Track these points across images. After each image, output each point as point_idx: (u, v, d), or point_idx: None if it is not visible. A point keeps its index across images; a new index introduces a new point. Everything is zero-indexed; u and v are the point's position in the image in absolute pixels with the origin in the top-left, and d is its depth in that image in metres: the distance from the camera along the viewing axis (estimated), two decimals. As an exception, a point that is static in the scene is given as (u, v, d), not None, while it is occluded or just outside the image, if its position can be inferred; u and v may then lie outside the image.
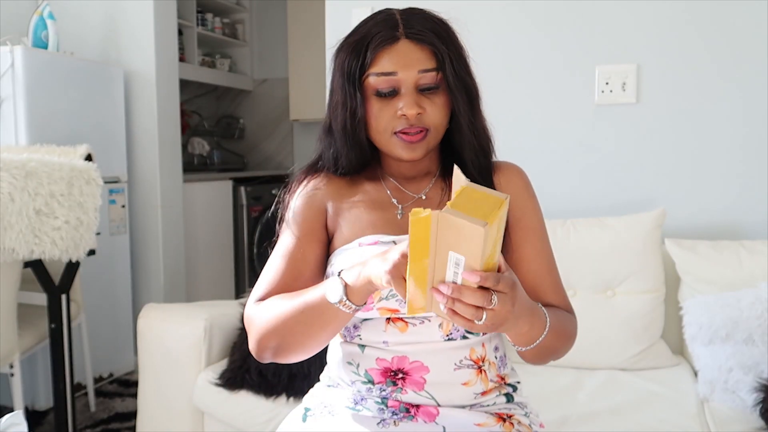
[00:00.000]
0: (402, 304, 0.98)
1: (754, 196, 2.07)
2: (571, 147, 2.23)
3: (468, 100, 1.03)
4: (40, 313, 2.24)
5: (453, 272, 0.78)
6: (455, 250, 0.76)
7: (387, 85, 1.00)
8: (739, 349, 1.63)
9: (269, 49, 4.78)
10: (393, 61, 0.99)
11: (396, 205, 1.09)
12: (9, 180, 1.76)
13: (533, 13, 2.23)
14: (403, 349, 1.02)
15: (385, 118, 1.01)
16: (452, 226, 0.74)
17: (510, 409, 1.06)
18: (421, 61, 0.99)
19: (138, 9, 3.07)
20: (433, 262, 0.77)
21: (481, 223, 0.73)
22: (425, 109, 1.00)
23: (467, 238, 0.74)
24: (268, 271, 1.07)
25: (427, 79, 0.99)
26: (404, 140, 1.01)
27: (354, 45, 1.01)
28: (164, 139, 3.17)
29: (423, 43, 0.99)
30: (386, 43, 0.99)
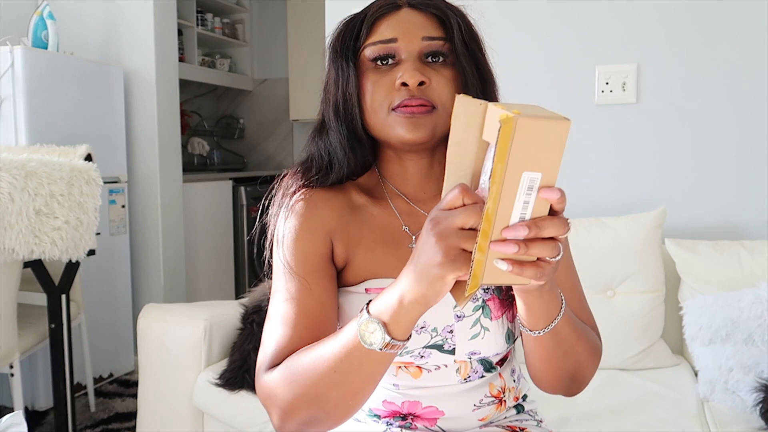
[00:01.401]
0: (418, 358, 0.88)
1: (754, 196, 2.07)
2: (571, 147, 2.23)
3: (480, 79, 0.88)
4: (40, 313, 2.25)
5: (522, 204, 0.65)
6: (531, 168, 0.64)
7: (384, 52, 0.86)
8: (739, 349, 1.63)
9: (269, 49, 4.78)
10: (392, 27, 0.86)
11: (408, 235, 0.91)
12: (9, 180, 1.76)
13: (533, 12, 2.23)
14: (415, 393, 0.91)
15: (381, 91, 0.85)
16: (532, 131, 0.62)
17: (521, 420, 1.01)
18: (425, 27, 0.86)
19: (138, 9, 3.07)
20: (498, 204, 0.63)
21: (565, 118, 0.62)
22: (430, 80, 0.84)
23: (547, 144, 0.63)
24: (274, 326, 0.85)
25: (434, 46, 0.86)
26: (404, 112, 0.84)
27: (350, 20, 0.90)
28: (164, 139, 3.17)
29: (428, 11, 0.87)
30: (385, 11, 0.87)
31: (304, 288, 0.86)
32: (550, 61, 2.23)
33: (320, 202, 0.90)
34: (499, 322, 0.90)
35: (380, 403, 0.94)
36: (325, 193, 0.91)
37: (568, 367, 0.89)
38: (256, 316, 1.83)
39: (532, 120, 0.61)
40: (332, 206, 0.91)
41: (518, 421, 1.01)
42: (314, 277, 0.87)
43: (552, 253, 0.67)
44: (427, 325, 0.88)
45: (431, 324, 0.88)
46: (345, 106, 0.88)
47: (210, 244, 3.78)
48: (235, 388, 1.74)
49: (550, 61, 2.23)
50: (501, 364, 0.97)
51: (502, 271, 0.66)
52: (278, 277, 0.89)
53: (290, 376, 0.78)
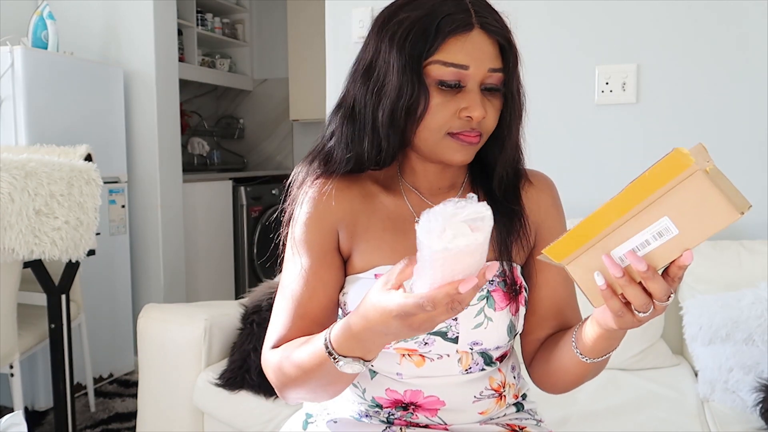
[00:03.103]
0: (422, 345, 0.91)
1: (754, 196, 2.07)
2: (571, 147, 2.23)
3: (518, 107, 0.93)
4: (40, 313, 2.24)
5: (644, 240, 0.64)
6: (674, 220, 0.63)
7: (454, 78, 0.85)
8: (739, 349, 1.63)
9: (269, 49, 4.78)
10: (466, 52, 0.84)
11: None
12: (9, 180, 1.75)
13: (533, 13, 2.23)
14: (418, 382, 0.93)
15: (444, 115, 0.86)
16: (704, 192, 0.60)
17: (521, 419, 1.02)
18: (492, 57, 0.86)
19: (138, 9, 3.07)
20: (632, 214, 0.64)
21: (739, 208, 0.60)
22: (487, 113, 0.87)
23: (706, 216, 0.61)
24: (280, 308, 0.93)
25: (494, 79, 0.87)
26: (462, 140, 0.87)
27: (418, 21, 0.85)
28: (164, 139, 3.17)
29: (496, 36, 0.87)
30: (461, 29, 0.84)
31: (309, 276, 0.91)
32: (550, 61, 2.23)
33: (330, 191, 0.93)
34: (503, 314, 0.92)
35: (383, 391, 0.95)
36: (340, 183, 0.93)
37: (587, 380, 0.93)
38: (256, 316, 1.83)
39: (709, 183, 0.60)
40: (344, 197, 0.93)
41: (518, 419, 1.01)
42: (319, 264, 0.92)
43: (640, 305, 0.69)
44: None
45: None
46: (405, 119, 0.87)
47: (210, 244, 3.78)
48: (235, 388, 1.74)
49: (550, 61, 2.23)
50: (500, 360, 0.98)
51: (591, 279, 0.68)
52: (287, 260, 0.95)
53: (280, 367, 0.87)
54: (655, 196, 0.62)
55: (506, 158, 0.94)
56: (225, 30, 4.55)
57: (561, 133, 2.23)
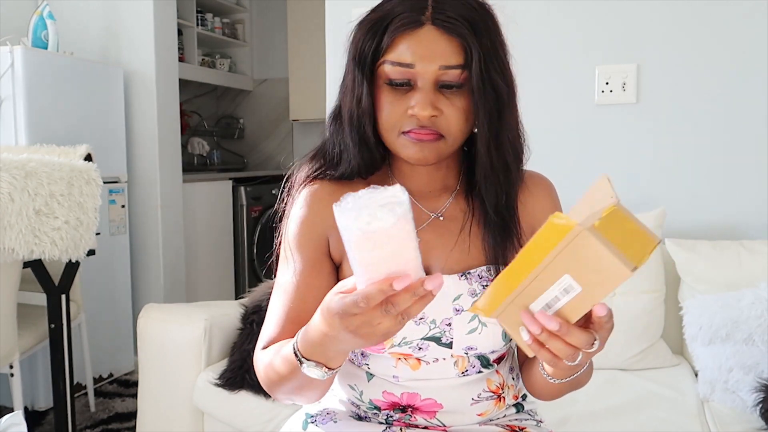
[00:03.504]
0: (416, 350, 0.90)
1: (754, 196, 2.07)
2: (571, 147, 2.23)
3: (496, 107, 0.87)
4: (40, 313, 2.24)
5: (554, 296, 0.65)
6: (575, 278, 0.63)
7: (401, 77, 0.85)
8: (739, 349, 1.63)
9: (269, 49, 4.78)
10: (412, 50, 0.83)
11: None
12: (9, 180, 1.75)
13: (533, 12, 2.23)
14: (414, 384, 0.93)
15: (394, 114, 0.86)
16: (591, 251, 0.60)
17: (521, 420, 1.01)
18: (445, 54, 0.83)
19: (138, 9, 3.07)
20: (534, 276, 0.65)
21: (629, 265, 0.60)
22: (442, 111, 0.85)
23: (602, 274, 0.61)
24: (272, 310, 0.94)
25: (450, 76, 0.84)
26: (412, 138, 0.86)
27: (372, 23, 0.87)
28: (164, 139, 3.17)
29: (451, 33, 0.83)
30: (408, 27, 0.84)
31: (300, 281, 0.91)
32: (550, 61, 2.23)
33: (324, 195, 0.93)
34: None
35: (380, 394, 0.94)
36: (332, 186, 0.94)
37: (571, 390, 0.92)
38: (256, 316, 1.83)
39: (596, 242, 0.60)
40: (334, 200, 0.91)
41: (518, 420, 1.01)
42: (309, 270, 0.92)
43: (568, 357, 0.69)
44: (426, 317, 0.89)
45: (430, 316, 0.89)
46: (357, 115, 0.88)
47: (210, 244, 3.78)
48: (235, 388, 1.74)
49: (550, 61, 2.23)
50: (498, 362, 0.97)
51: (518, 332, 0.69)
52: (281, 262, 0.95)
53: (266, 369, 0.88)
54: (550, 257, 0.63)
55: (486, 158, 0.89)
56: (225, 30, 4.55)
57: (561, 133, 2.23)
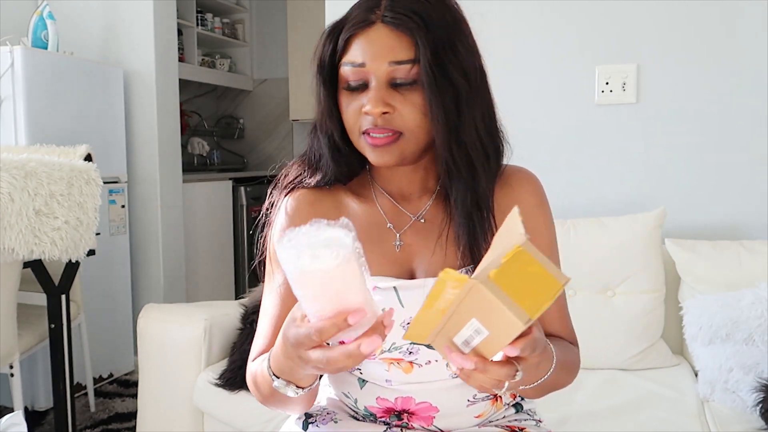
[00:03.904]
0: (407, 354, 0.90)
1: (754, 196, 2.07)
2: (571, 147, 2.23)
3: (453, 102, 0.84)
4: (40, 313, 2.24)
5: (469, 335, 0.65)
6: (481, 322, 0.64)
7: (355, 77, 0.85)
8: (739, 349, 1.63)
9: (269, 49, 4.78)
10: (363, 49, 0.84)
11: (393, 232, 0.93)
12: (9, 180, 1.75)
13: (533, 12, 2.23)
14: (408, 388, 0.92)
15: (353, 115, 0.86)
16: (486, 303, 0.61)
17: (520, 420, 1.01)
18: (394, 50, 0.83)
19: (138, 9, 3.07)
20: (449, 315, 0.65)
21: (523, 318, 0.60)
22: (395, 108, 0.83)
23: (500, 324, 0.62)
24: (261, 321, 0.95)
25: (401, 72, 0.83)
26: (369, 142, 0.85)
27: (330, 28, 0.88)
28: (164, 139, 3.17)
29: (399, 29, 0.82)
30: (359, 27, 0.84)
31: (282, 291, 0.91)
32: (550, 61, 2.23)
33: (305, 205, 0.94)
34: None
35: (374, 400, 0.93)
36: (313, 195, 0.95)
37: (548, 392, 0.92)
38: (256, 316, 1.82)
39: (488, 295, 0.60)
40: (315, 212, 0.92)
41: (517, 420, 1.00)
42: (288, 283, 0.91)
43: (491, 388, 0.70)
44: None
45: None
46: (322, 122, 0.91)
47: (210, 244, 3.78)
48: (235, 388, 1.74)
49: (550, 61, 2.23)
50: None
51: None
52: (267, 273, 0.96)
53: (252, 382, 0.90)
54: (455, 304, 0.63)
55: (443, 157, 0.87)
56: (225, 30, 4.55)
57: (561, 132, 2.23)
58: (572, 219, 1.97)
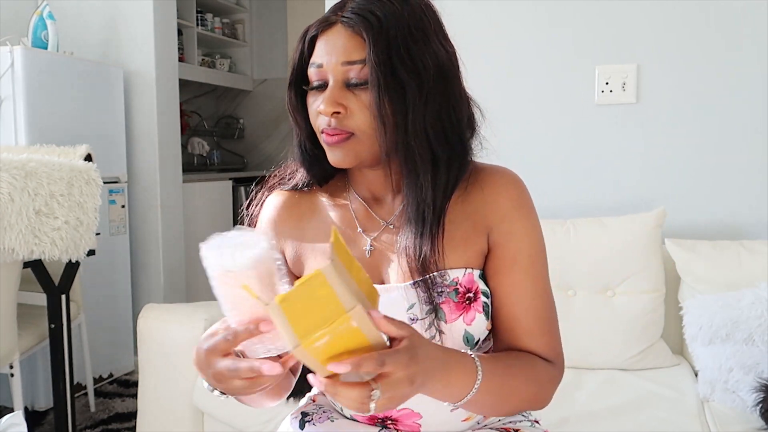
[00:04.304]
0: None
1: (754, 196, 2.07)
2: (571, 147, 2.23)
3: (401, 102, 0.82)
4: (40, 313, 2.24)
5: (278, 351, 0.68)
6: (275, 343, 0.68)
7: (316, 78, 0.86)
8: (739, 349, 1.63)
9: (269, 49, 4.78)
10: (322, 50, 0.85)
11: (364, 237, 0.93)
12: (9, 180, 1.75)
13: (533, 12, 2.23)
14: None
15: (313, 115, 0.88)
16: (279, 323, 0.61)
17: (515, 422, 0.99)
18: (347, 50, 0.83)
19: (138, 9, 3.07)
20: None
21: (292, 342, 0.61)
22: (346, 108, 0.84)
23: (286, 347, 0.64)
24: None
25: (354, 72, 0.83)
26: (324, 141, 0.87)
27: (304, 30, 0.90)
28: (164, 139, 3.17)
29: (353, 29, 0.83)
30: (321, 27, 0.86)
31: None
32: (550, 62, 2.23)
33: (280, 209, 0.97)
34: (455, 325, 0.87)
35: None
36: (291, 198, 0.98)
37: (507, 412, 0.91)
38: (256, 316, 1.83)
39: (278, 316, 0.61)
40: (290, 215, 0.96)
41: (512, 422, 0.99)
42: None
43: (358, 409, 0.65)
44: None
45: None
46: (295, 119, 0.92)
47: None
48: (235, 388, 1.74)
49: (550, 62, 2.23)
50: None
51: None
52: None
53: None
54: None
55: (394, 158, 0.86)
56: (225, 30, 4.55)
57: (561, 132, 2.23)
58: (572, 219, 1.97)
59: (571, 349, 1.93)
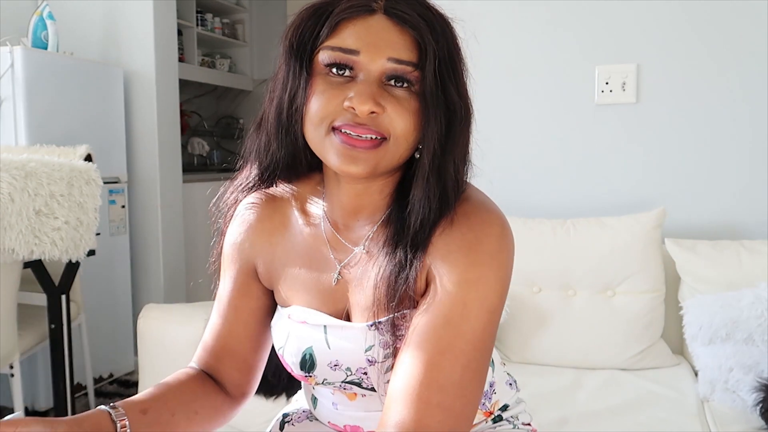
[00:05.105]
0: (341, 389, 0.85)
1: (754, 196, 2.07)
2: (571, 147, 2.23)
3: (446, 121, 0.74)
4: (40, 314, 2.24)
5: None
6: None
7: (342, 62, 0.73)
8: (739, 349, 1.63)
9: (269, 49, 4.78)
10: (359, 36, 0.72)
11: (333, 263, 0.83)
12: (9, 180, 1.75)
13: (533, 13, 2.23)
14: (356, 415, 0.88)
15: (328, 105, 0.73)
16: None
17: (495, 428, 0.96)
18: (396, 46, 0.72)
19: (138, 9, 3.07)
20: None
21: None
22: (384, 109, 0.72)
23: None
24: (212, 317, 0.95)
25: (399, 71, 0.72)
26: (344, 142, 0.72)
27: (315, 8, 0.75)
28: (164, 139, 3.17)
29: (406, 26, 0.72)
30: (356, 11, 0.73)
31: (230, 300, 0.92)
32: (550, 62, 2.23)
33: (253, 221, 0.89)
34: None
35: (326, 423, 0.91)
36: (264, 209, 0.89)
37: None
38: (256, 316, 1.83)
39: None
40: (263, 228, 0.88)
41: (492, 429, 0.97)
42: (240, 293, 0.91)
43: None
44: (340, 364, 0.83)
45: (344, 363, 0.83)
46: (289, 114, 0.77)
47: (210, 244, 3.76)
48: (236, 389, 1.74)
49: (550, 62, 2.23)
50: None
51: None
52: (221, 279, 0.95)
53: None
54: None
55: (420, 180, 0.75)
56: (225, 30, 4.55)
57: (561, 132, 2.23)
58: (572, 219, 1.97)
59: (571, 349, 1.94)
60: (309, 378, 0.85)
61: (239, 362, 0.92)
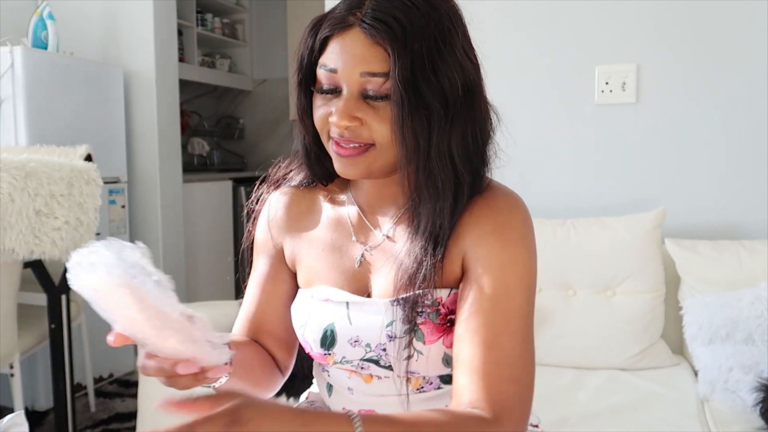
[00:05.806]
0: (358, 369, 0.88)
1: (754, 196, 2.07)
2: (571, 147, 2.23)
3: (425, 124, 0.77)
4: (40, 314, 2.24)
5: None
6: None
7: (328, 82, 0.80)
8: (739, 349, 1.63)
9: (269, 49, 4.78)
10: (337, 54, 0.78)
11: (357, 246, 0.90)
12: (9, 180, 1.75)
13: (533, 12, 2.23)
14: (370, 401, 0.90)
15: (321, 119, 0.82)
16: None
17: None
18: (366, 60, 0.77)
19: (138, 9, 3.07)
20: None
21: None
22: (362, 121, 0.78)
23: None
24: (245, 299, 0.99)
25: (373, 85, 0.77)
26: (335, 150, 0.82)
27: (313, 24, 0.83)
28: (164, 139, 3.17)
29: (375, 38, 0.76)
30: (337, 28, 0.79)
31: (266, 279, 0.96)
32: (550, 62, 2.23)
33: (282, 207, 0.96)
34: (435, 347, 0.83)
35: (341, 410, 0.92)
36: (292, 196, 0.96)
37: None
38: (256, 316, 1.83)
39: None
40: (291, 211, 0.96)
41: None
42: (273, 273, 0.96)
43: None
44: (360, 340, 0.86)
45: (364, 339, 0.86)
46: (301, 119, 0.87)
47: (210, 244, 3.78)
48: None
49: (550, 62, 2.23)
50: None
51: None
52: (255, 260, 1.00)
53: None
54: None
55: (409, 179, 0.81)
56: (225, 30, 4.55)
57: (561, 132, 2.23)
58: (572, 219, 1.97)
59: (571, 349, 1.94)
60: (328, 356, 0.88)
61: (278, 341, 0.97)
